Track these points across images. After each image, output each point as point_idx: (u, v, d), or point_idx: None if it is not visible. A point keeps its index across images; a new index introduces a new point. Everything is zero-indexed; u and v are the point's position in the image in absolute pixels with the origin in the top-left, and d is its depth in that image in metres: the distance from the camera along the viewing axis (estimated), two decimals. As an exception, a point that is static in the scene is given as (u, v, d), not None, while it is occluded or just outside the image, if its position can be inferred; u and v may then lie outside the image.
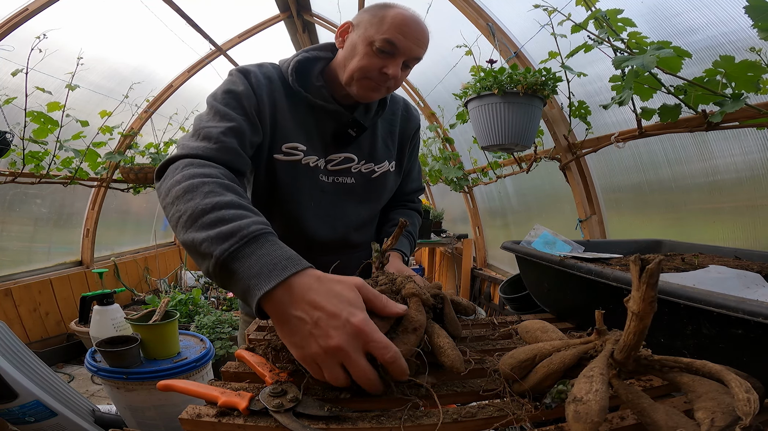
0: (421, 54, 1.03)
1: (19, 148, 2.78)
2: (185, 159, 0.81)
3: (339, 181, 1.13)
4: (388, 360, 0.55)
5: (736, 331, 0.54)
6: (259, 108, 1.01)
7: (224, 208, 0.66)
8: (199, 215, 0.66)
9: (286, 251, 0.62)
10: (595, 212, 2.19)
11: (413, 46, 1.00)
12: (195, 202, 0.68)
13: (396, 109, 1.24)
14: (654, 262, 0.45)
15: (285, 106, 1.05)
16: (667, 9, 1.58)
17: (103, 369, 1.69)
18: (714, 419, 0.42)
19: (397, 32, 0.97)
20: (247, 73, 1.03)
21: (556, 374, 0.56)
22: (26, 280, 3.44)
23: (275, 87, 1.05)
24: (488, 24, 2.43)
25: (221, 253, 0.61)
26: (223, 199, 0.68)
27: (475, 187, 3.87)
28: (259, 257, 0.60)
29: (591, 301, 0.82)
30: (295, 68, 1.07)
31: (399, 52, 0.99)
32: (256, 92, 1.01)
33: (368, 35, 0.99)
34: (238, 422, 0.54)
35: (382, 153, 1.18)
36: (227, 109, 0.95)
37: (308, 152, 1.07)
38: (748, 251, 1.03)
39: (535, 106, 1.84)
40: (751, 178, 1.46)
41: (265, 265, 0.59)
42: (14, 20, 2.56)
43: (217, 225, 0.64)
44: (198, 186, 0.70)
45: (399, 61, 1.00)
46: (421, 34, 1.01)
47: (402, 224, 0.85)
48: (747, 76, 1.10)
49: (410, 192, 1.36)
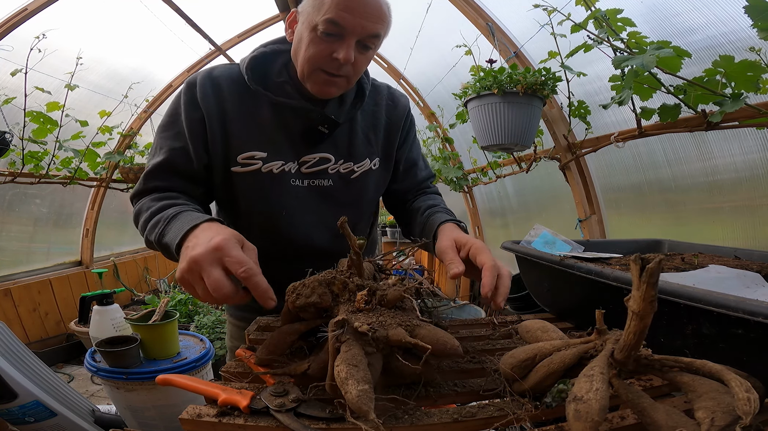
0: (378, 29, 0.90)
1: (19, 147, 2.78)
2: (135, 198, 0.99)
3: (315, 184, 1.03)
4: (241, 275, 0.64)
5: (736, 331, 0.54)
6: (205, 124, 0.96)
7: (156, 213, 0.87)
8: (143, 227, 0.90)
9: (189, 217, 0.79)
10: (595, 212, 2.19)
11: (363, 21, 0.87)
12: (140, 223, 0.91)
13: (379, 99, 1.12)
14: (654, 262, 0.45)
15: (240, 111, 0.98)
16: (666, 9, 1.58)
17: (102, 369, 1.69)
18: (714, 419, 0.42)
19: (340, 9, 0.85)
20: (193, 86, 0.97)
21: (556, 373, 0.56)
22: (26, 280, 3.43)
23: (226, 94, 0.98)
24: (488, 24, 2.43)
25: (155, 236, 0.83)
26: (155, 205, 0.90)
27: (475, 187, 3.87)
28: (172, 228, 0.80)
29: (591, 301, 0.82)
30: (250, 66, 0.98)
31: (347, 32, 0.87)
32: (201, 106, 0.95)
33: (311, 20, 0.88)
34: (239, 422, 0.54)
35: (363, 150, 1.08)
36: (164, 139, 0.98)
37: (270, 158, 0.99)
38: (748, 251, 1.03)
39: (535, 105, 1.84)
40: (751, 178, 1.46)
41: (176, 230, 0.78)
42: (13, 20, 2.56)
43: (149, 225, 0.87)
44: (141, 212, 0.93)
45: (350, 42, 0.88)
46: (371, 7, 0.87)
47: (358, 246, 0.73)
48: (746, 76, 1.10)
49: (421, 181, 1.23)
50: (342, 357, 0.55)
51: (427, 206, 1.12)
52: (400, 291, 0.66)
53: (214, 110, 0.96)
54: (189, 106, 0.96)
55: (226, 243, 0.66)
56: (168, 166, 0.96)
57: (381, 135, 1.11)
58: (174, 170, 0.97)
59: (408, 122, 1.17)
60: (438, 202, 1.15)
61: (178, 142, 0.97)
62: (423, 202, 1.15)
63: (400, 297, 0.66)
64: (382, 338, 0.60)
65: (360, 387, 0.51)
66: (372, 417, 0.49)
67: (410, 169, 1.21)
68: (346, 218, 0.72)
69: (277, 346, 0.69)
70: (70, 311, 3.72)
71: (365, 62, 0.96)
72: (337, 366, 0.54)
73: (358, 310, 0.65)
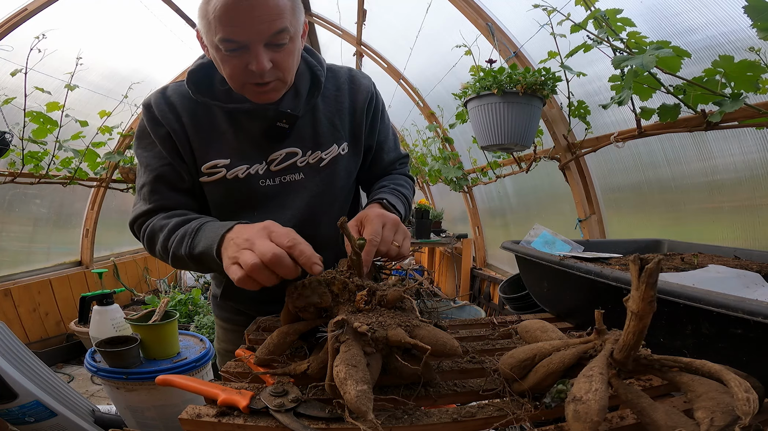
0: (279, 25, 0.83)
1: (19, 148, 2.78)
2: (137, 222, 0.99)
3: (287, 180, 1.02)
4: (286, 244, 0.67)
5: (736, 331, 0.54)
6: (173, 139, 0.96)
7: (176, 228, 0.89)
8: (164, 245, 0.90)
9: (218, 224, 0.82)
10: (595, 212, 2.19)
11: (257, 27, 0.82)
12: (159, 242, 0.91)
13: (340, 84, 1.08)
14: (653, 262, 0.45)
15: (196, 124, 0.97)
16: (666, 9, 1.58)
17: (102, 369, 1.69)
18: (713, 418, 0.42)
19: (226, 25, 0.81)
20: (149, 107, 0.97)
21: (555, 374, 0.56)
22: (26, 280, 3.43)
23: (179, 110, 0.97)
24: (488, 24, 2.43)
25: (185, 250, 0.84)
26: (169, 222, 0.90)
27: (475, 187, 3.87)
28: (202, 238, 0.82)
29: (590, 301, 0.82)
30: (190, 80, 0.97)
31: (246, 43, 0.83)
32: (163, 123, 0.96)
33: (209, 41, 0.87)
34: (239, 422, 0.54)
35: (329, 136, 1.05)
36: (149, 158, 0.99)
37: (234, 164, 0.98)
38: (748, 251, 1.03)
39: (535, 105, 1.85)
40: (751, 178, 1.46)
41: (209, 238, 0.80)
42: (13, 20, 2.56)
43: (175, 241, 0.87)
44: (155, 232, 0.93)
45: (255, 50, 0.84)
46: (259, 9, 0.81)
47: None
48: (746, 76, 1.10)
49: (389, 163, 1.20)
50: (341, 358, 0.55)
51: (378, 187, 1.11)
52: (400, 292, 0.67)
53: (175, 125, 0.96)
54: (153, 124, 0.96)
55: (272, 225, 0.72)
56: (162, 181, 0.97)
57: (346, 119, 1.08)
58: (169, 185, 0.97)
59: (373, 105, 1.12)
60: (390, 182, 1.13)
61: (163, 159, 0.97)
62: (377, 184, 1.15)
63: (399, 297, 0.67)
64: (381, 338, 0.60)
65: (359, 388, 0.51)
66: (370, 418, 0.49)
67: (378, 152, 1.18)
68: (345, 218, 0.72)
69: (277, 346, 0.69)
70: (70, 311, 3.72)
71: (288, 57, 0.89)
72: (336, 367, 0.54)
73: (358, 310, 0.65)
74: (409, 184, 1.19)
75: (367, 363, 0.57)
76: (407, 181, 1.19)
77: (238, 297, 1.11)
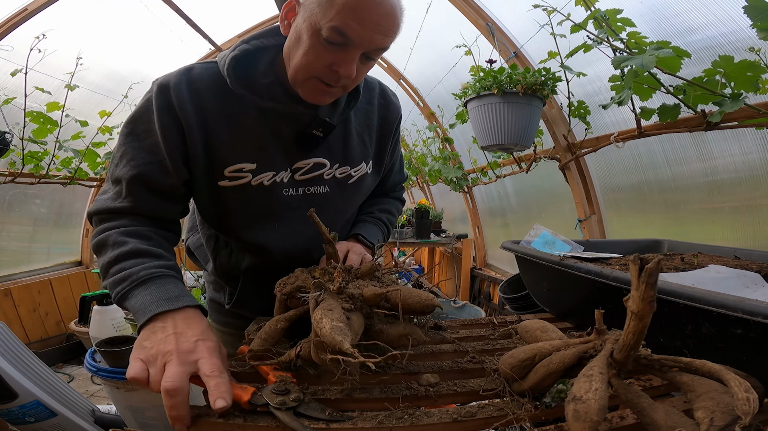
0: (387, 43, 0.80)
1: (19, 148, 2.78)
2: (98, 216, 0.86)
3: (311, 192, 0.95)
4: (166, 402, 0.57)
5: (736, 331, 0.54)
6: (184, 134, 0.84)
7: (123, 260, 0.76)
8: (105, 268, 0.77)
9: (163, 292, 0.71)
10: (595, 212, 2.19)
11: (373, 35, 0.76)
12: (103, 257, 0.78)
13: (371, 97, 1.03)
14: (653, 262, 0.45)
15: (224, 119, 0.87)
16: (666, 9, 1.58)
17: (102, 369, 1.69)
18: (713, 418, 0.42)
19: (351, 18, 0.73)
20: (166, 89, 0.83)
21: (555, 373, 0.56)
22: (26, 280, 3.43)
23: (206, 99, 0.85)
24: (488, 24, 2.43)
25: (116, 295, 0.74)
26: (123, 249, 0.77)
27: (475, 187, 3.87)
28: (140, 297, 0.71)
29: (590, 301, 0.82)
30: (232, 67, 0.85)
31: (353, 44, 0.76)
32: (179, 114, 0.83)
33: (314, 21, 0.76)
34: (239, 422, 0.54)
35: (359, 153, 1.00)
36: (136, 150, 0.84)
37: (260, 170, 0.89)
38: (748, 251, 1.03)
39: (535, 105, 1.85)
40: (751, 178, 1.46)
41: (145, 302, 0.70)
42: (13, 20, 2.56)
43: (115, 275, 0.75)
44: (107, 245, 0.79)
45: (354, 54, 0.78)
46: (386, 18, 0.76)
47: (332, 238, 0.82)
48: (746, 76, 1.10)
49: (392, 185, 1.21)
50: (320, 308, 0.62)
51: (366, 211, 1.15)
52: (374, 264, 0.75)
53: (194, 118, 0.84)
54: (163, 113, 0.83)
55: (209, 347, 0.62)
56: (142, 182, 0.83)
57: (374, 136, 1.04)
58: (149, 187, 0.84)
59: (399, 126, 1.11)
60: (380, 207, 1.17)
61: (153, 155, 0.84)
62: (369, 206, 1.16)
63: (373, 268, 0.74)
64: (357, 296, 0.67)
65: (334, 324, 0.56)
66: (346, 347, 0.52)
67: (388, 174, 1.16)
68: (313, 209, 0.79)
69: (269, 334, 0.71)
70: (70, 311, 3.71)
71: (366, 72, 0.86)
72: (315, 315, 0.59)
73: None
74: (399, 209, 1.24)
75: (348, 318, 0.62)
76: (398, 207, 1.23)
77: (251, 307, 1.04)
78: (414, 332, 0.67)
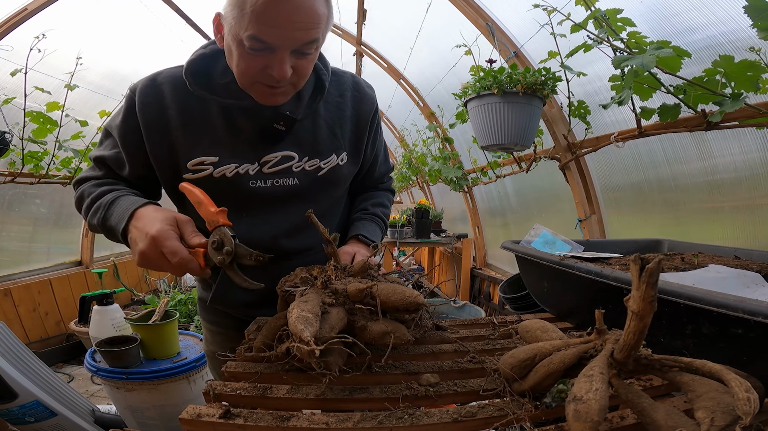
0: (313, 35, 0.80)
1: (18, 147, 2.78)
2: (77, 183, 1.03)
3: (279, 184, 0.99)
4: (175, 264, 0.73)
5: (736, 331, 0.54)
6: (141, 135, 0.92)
7: (96, 199, 0.92)
8: (86, 210, 0.94)
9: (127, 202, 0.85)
10: (595, 212, 2.19)
11: (292, 32, 0.77)
12: (83, 207, 0.95)
13: (343, 90, 1.04)
14: (654, 262, 0.45)
15: (186, 117, 0.93)
16: (666, 9, 1.58)
17: (102, 369, 1.69)
18: (714, 418, 0.42)
19: (263, 23, 0.75)
20: (133, 93, 0.93)
21: (556, 373, 0.56)
22: (26, 280, 3.43)
23: (169, 100, 0.92)
24: (488, 24, 2.43)
25: (98, 220, 0.89)
26: (95, 191, 0.94)
27: (475, 187, 3.87)
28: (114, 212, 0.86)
29: (591, 301, 0.82)
30: (189, 70, 0.92)
31: (276, 47, 0.78)
32: (138, 116, 0.91)
33: (235, 33, 0.79)
34: (239, 422, 0.54)
35: (328, 145, 1.02)
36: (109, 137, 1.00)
37: (222, 162, 0.94)
38: (748, 250, 1.03)
39: (535, 105, 1.85)
40: (751, 178, 1.46)
41: (118, 215, 0.84)
42: (13, 20, 2.56)
43: (93, 208, 0.92)
44: (83, 197, 0.96)
45: (282, 55, 0.80)
46: (299, 14, 0.76)
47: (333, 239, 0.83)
48: (746, 76, 1.10)
49: (379, 176, 1.22)
50: (297, 300, 0.65)
51: (361, 208, 1.17)
52: (366, 262, 0.77)
53: (154, 120, 0.91)
54: (128, 114, 0.93)
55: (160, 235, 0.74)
56: (106, 163, 0.99)
57: (348, 128, 1.05)
58: (111, 168, 0.99)
59: (376, 119, 1.12)
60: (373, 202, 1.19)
61: (116, 147, 0.97)
62: (362, 201, 1.19)
63: (365, 266, 0.77)
64: (341, 290, 0.69)
65: (300, 313, 0.58)
66: (305, 335, 0.52)
67: (372, 166, 1.18)
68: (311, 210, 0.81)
69: (270, 330, 0.73)
70: (70, 311, 3.72)
71: (309, 64, 0.87)
72: (290, 307, 0.63)
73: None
74: (390, 200, 1.26)
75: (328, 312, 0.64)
76: (389, 198, 1.26)
77: (228, 302, 1.08)
78: (398, 329, 0.66)
